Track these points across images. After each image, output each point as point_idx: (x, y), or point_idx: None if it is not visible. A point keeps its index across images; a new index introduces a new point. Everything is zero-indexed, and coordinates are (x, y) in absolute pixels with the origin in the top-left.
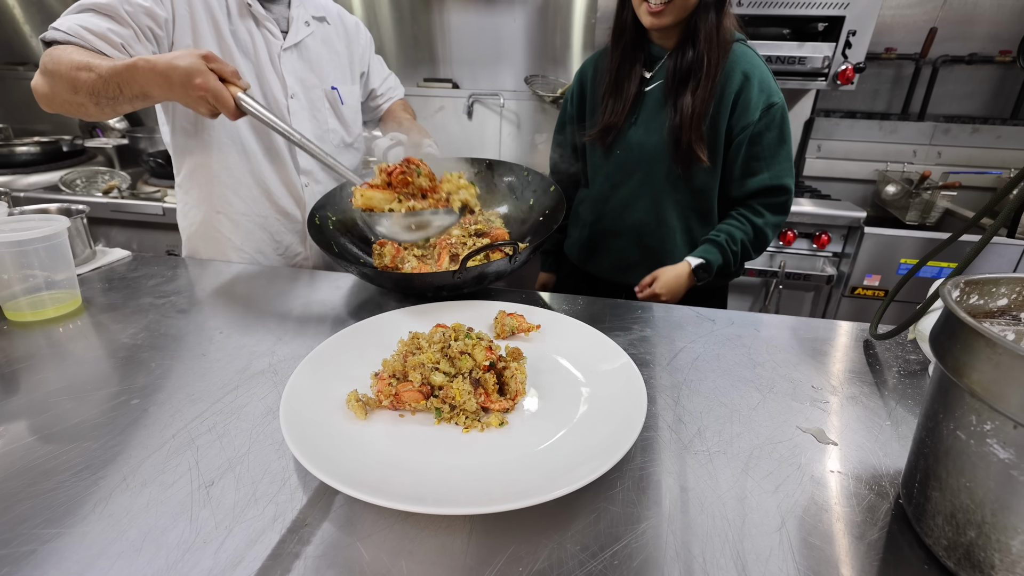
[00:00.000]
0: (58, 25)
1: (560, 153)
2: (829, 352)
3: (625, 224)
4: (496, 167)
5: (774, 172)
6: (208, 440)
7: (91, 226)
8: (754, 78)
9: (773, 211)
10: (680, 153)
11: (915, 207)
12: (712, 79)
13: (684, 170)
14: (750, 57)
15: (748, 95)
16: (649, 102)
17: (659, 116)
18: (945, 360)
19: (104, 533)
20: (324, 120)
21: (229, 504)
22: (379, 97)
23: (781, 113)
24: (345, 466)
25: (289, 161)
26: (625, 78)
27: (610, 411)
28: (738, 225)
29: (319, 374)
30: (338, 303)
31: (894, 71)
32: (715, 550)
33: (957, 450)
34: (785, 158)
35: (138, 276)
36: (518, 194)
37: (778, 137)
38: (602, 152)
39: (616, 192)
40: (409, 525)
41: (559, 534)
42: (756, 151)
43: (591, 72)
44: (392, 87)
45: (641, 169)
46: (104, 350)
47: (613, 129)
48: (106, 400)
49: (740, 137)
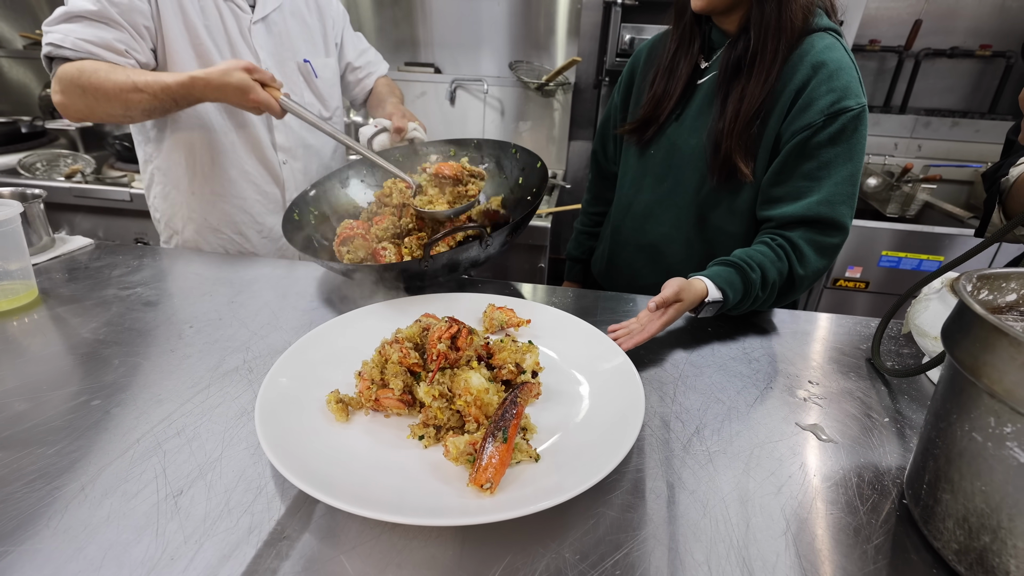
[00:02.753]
0: (58, 41)
1: (603, 149)
2: (823, 346)
3: (645, 238)
4: (484, 147)
5: (828, 198)
6: (176, 445)
7: (52, 213)
8: (825, 71)
9: (818, 252)
10: (718, 161)
11: (895, 199)
12: (767, 74)
13: (721, 183)
14: (832, 49)
15: (813, 91)
16: (699, 97)
17: (705, 115)
18: (960, 358)
19: (59, 550)
20: (300, 94)
21: (199, 515)
22: (358, 70)
23: (855, 123)
24: (326, 473)
25: (264, 138)
26: (679, 62)
27: (606, 411)
28: (774, 260)
29: (297, 372)
30: (318, 295)
31: (877, 64)
32: (720, 557)
33: (972, 452)
34: (847, 181)
35: (101, 266)
36: (507, 172)
37: (844, 153)
38: (636, 150)
39: (639, 197)
40: (397, 535)
41: (556, 542)
42: (809, 167)
43: (643, 57)
44: (372, 61)
45: (673, 175)
46: (63, 346)
47: (652, 123)
48: (64, 401)
49: (792, 143)
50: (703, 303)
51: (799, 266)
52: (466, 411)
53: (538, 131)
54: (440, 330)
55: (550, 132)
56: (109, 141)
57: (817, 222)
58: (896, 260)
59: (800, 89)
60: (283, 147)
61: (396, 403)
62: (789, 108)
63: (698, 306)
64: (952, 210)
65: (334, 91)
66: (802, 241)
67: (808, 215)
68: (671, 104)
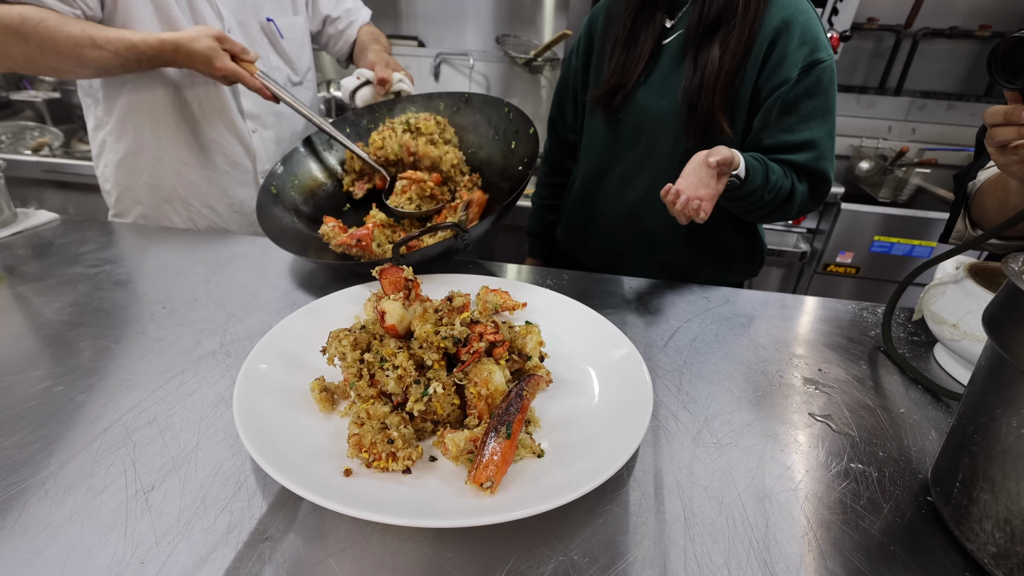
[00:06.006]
0: None
1: (561, 116)
2: (830, 333)
3: (621, 204)
4: (474, 101)
5: (814, 153)
6: (147, 435)
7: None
8: (795, 26)
9: (809, 189)
10: (696, 121)
11: (888, 184)
12: (749, 27)
13: (697, 142)
14: (797, 1)
15: (785, 47)
16: (666, 57)
17: (675, 75)
18: (1010, 347)
19: (14, 553)
20: (265, 57)
21: (173, 514)
22: (337, 21)
23: (828, 74)
24: (310, 467)
25: (231, 104)
26: (642, 27)
27: (612, 401)
28: (782, 173)
29: (279, 357)
30: (299, 275)
31: (874, 43)
32: (740, 559)
33: (1020, 451)
34: (827, 135)
35: (67, 242)
36: (500, 135)
37: (821, 105)
38: (603, 119)
39: (615, 166)
40: (390, 537)
41: (563, 544)
42: (789, 121)
43: (602, 18)
44: (351, 9)
45: (645, 139)
46: (25, 327)
47: (620, 90)
48: (25, 387)
49: (770, 100)
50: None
51: (799, 185)
52: (473, 402)
53: (524, 107)
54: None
55: (537, 110)
56: (77, 113)
57: (806, 172)
58: (888, 245)
59: (771, 45)
60: (251, 114)
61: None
62: (763, 63)
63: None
64: (946, 195)
65: (303, 52)
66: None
67: (797, 165)
68: (638, 68)
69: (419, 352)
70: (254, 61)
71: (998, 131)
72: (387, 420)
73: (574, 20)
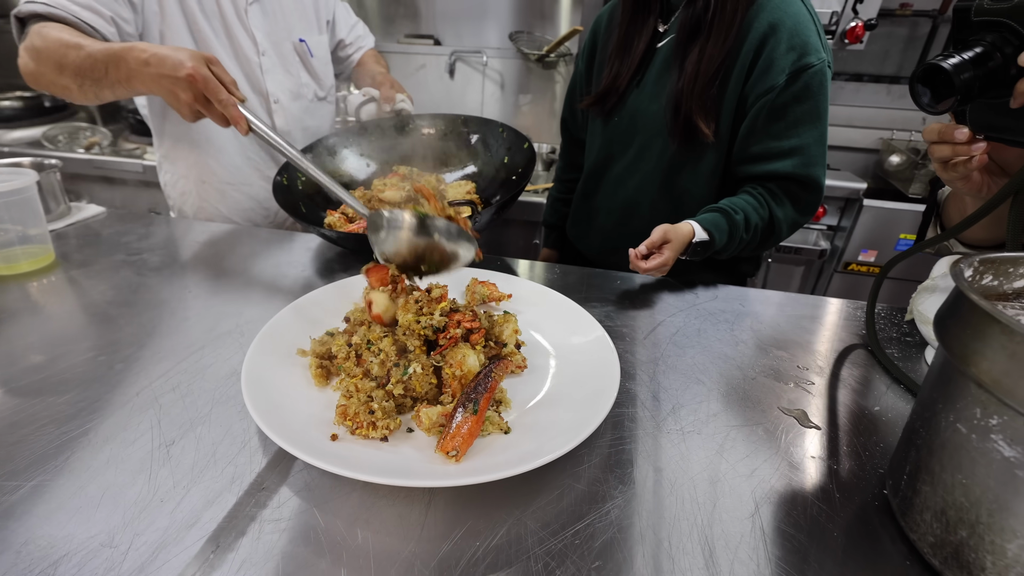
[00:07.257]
0: None
1: (572, 116)
2: (818, 330)
3: (615, 203)
4: (470, 124)
5: (801, 159)
6: (171, 399)
7: (73, 183)
8: (783, 31)
9: (795, 206)
10: (678, 124)
11: (920, 179)
12: (727, 31)
13: (682, 145)
14: (788, 4)
15: (772, 53)
16: (659, 61)
17: (666, 78)
18: (951, 346)
19: (64, 488)
20: (297, 75)
21: (188, 464)
22: (348, 47)
23: (818, 79)
24: (304, 432)
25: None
26: (636, 32)
27: (581, 386)
28: (756, 206)
29: (284, 336)
30: (310, 264)
31: (908, 30)
32: (682, 534)
33: (955, 444)
34: (817, 141)
35: (112, 232)
36: (492, 151)
37: (811, 111)
38: (600, 121)
39: (611, 167)
40: (367, 493)
41: (520, 510)
42: (778, 128)
43: (605, 22)
44: (360, 35)
45: (638, 141)
46: (76, 305)
47: (612, 94)
48: (75, 356)
49: (758, 105)
50: (691, 244)
51: (777, 208)
52: (448, 382)
53: (539, 104)
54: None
55: (551, 106)
56: (123, 115)
57: (795, 180)
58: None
59: (759, 48)
60: (283, 131)
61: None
62: (750, 69)
63: (686, 248)
64: None
65: (327, 69)
66: (781, 192)
67: (783, 175)
68: (630, 73)
69: (403, 338)
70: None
71: (935, 148)
72: (372, 394)
73: (588, 16)
